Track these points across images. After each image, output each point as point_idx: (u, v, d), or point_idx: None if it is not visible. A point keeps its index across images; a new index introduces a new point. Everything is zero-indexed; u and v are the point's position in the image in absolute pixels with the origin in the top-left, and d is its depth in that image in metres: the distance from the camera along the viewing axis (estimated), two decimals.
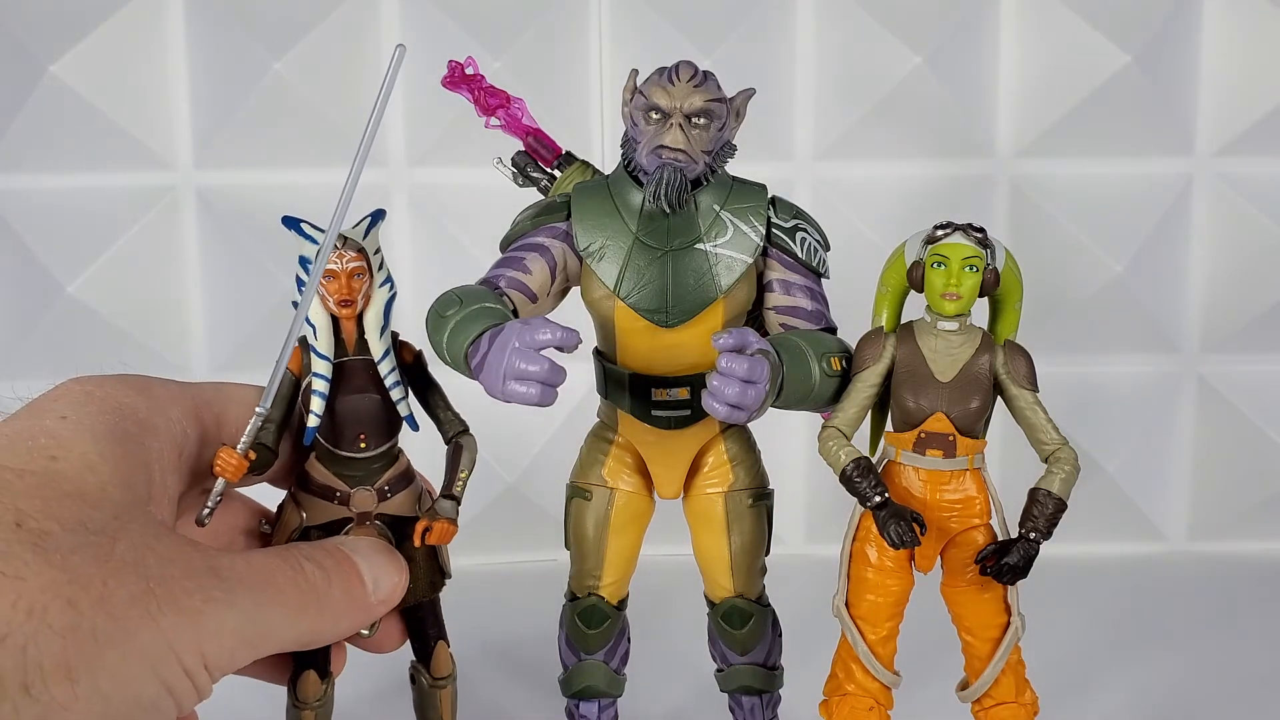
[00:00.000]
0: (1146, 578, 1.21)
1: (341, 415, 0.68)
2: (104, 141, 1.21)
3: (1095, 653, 1.02)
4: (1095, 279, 1.24)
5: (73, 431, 0.44)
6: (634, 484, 0.76)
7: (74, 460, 0.43)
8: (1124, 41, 1.20)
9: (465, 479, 0.71)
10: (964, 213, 0.77)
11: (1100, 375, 1.26)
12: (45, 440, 0.42)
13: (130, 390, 0.50)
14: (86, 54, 1.19)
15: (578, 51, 1.21)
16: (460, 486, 0.70)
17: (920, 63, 1.21)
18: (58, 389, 0.48)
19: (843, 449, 0.69)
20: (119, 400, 0.48)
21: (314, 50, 1.20)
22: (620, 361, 0.73)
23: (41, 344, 1.23)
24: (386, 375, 0.69)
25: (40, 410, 0.45)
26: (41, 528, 0.39)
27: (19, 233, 1.21)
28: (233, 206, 1.22)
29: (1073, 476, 0.69)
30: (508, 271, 0.71)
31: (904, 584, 0.71)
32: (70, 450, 0.43)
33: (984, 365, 0.70)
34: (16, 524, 0.38)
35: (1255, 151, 1.22)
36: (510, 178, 0.86)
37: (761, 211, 0.72)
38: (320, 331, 0.68)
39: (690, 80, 0.69)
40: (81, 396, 0.47)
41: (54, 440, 0.42)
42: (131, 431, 0.47)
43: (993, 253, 0.70)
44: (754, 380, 0.61)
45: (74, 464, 0.43)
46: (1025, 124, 1.22)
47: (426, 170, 1.23)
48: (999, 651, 0.71)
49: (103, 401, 0.47)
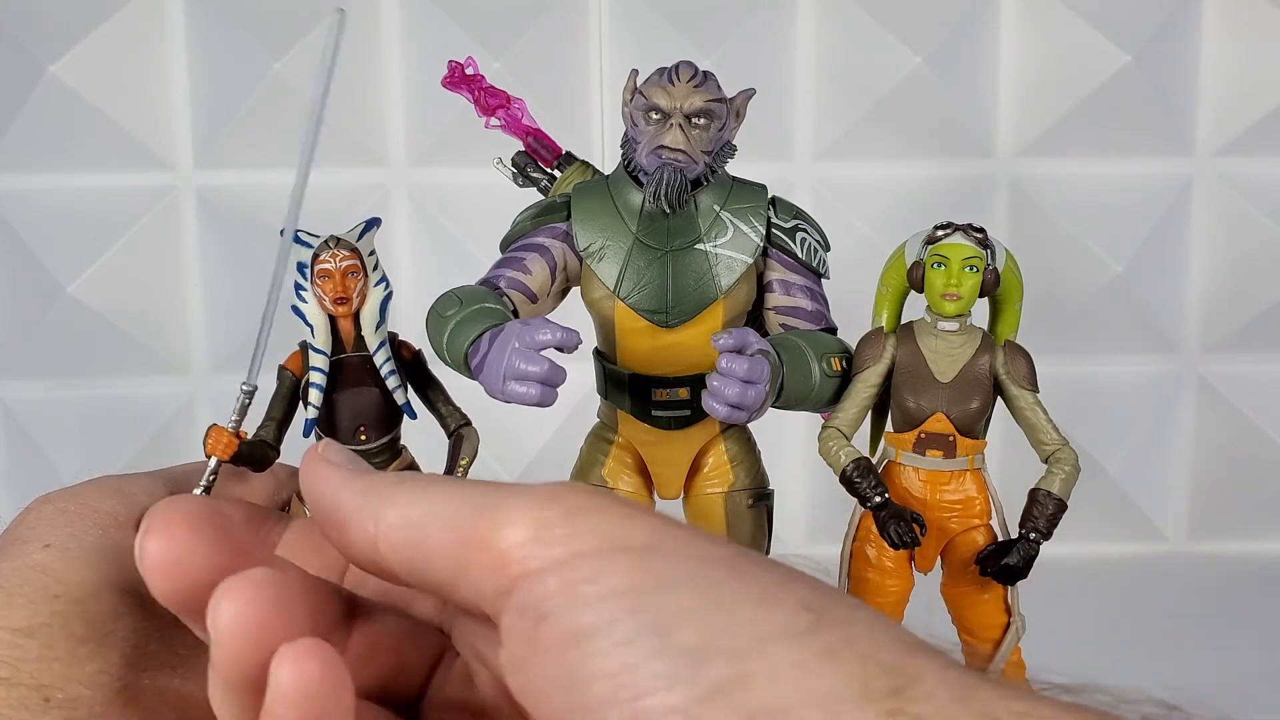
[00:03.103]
0: (1146, 578, 1.21)
1: (341, 409, 0.70)
2: (104, 141, 1.21)
3: (1095, 653, 1.02)
4: (1095, 279, 1.24)
5: (63, 559, 0.41)
6: (634, 484, 0.76)
7: (75, 591, 0.40)
8: (1124, 41, 1.20)
9: (466, 465, 0.72)
10: (964, 213, 0.77)
11: (1100, 375, 1.26)
12: (39, 578, 0.39)
13: (104, 496, 0.46)
14: (86, 54, 1.19)
15: (578, 51, 1.21)
16: (461, 473, 0.72)
17: (920, 63, 1.21)
18: (30, 514, 0.43)
19: (843, 449, 0.69)
20: (96, 511, 0.43)
21: (314, 50, 1.20)
22: (620, 362, 0.73)
23: (41, 344, 1.23)
24: (382, 365, 0.70)
25: (21, 544, 0.41)
26: (68, 696, 0.37)
27: (19, 233, 1.21)
28: (233, 206, 1.22)
29: (1073, 477, 0.69)
30: (508, 272, 0.71)
31: (904, 584, 0.71)
32: (68, 582, 0.39)
33: (984, 365, 0.70)
34: (45, 700, 0.37)
35: (1255, 151, 1.22)
36: (510, 178, 0.86)
37: (761, 212, 0.72)
38: (318, 330, 0.70)
39: (690, 80, 0.69)
40: (58, 516, 0.43)
41: (48, 576, 0.39)
42: (118, 543, 0.44)
43: (993, 253, 0.70)
44: (754, 380, 0.61)
45: (77, 597, 0.40)
46: (1025, 124, 1.22)
47: (426, 170, 1.23)
48: (999, 652, 0.71)
49: (81, 517, 0.43)
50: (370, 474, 0.33)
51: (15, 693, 0.36)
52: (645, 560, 0.26)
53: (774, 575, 0.26)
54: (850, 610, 0.26)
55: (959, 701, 0.23)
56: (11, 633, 0.37)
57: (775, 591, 0.25)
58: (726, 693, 0.23)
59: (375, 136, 1.21)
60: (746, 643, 0.24)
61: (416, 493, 0.30)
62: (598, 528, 0.26)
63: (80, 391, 1.25)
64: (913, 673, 0.24)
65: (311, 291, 0.69)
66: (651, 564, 0.25)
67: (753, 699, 0.23)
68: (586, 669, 0.24)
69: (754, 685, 0.23)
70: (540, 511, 0.26)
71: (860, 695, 0.23)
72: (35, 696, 0.36)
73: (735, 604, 0.25)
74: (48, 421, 1.25)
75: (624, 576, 0.25)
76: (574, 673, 0.24)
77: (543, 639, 0.25)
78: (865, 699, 0.23)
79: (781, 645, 0.24)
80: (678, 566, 0.25)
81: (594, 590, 0.25)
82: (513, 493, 0.28)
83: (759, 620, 0.24)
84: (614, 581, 0.25)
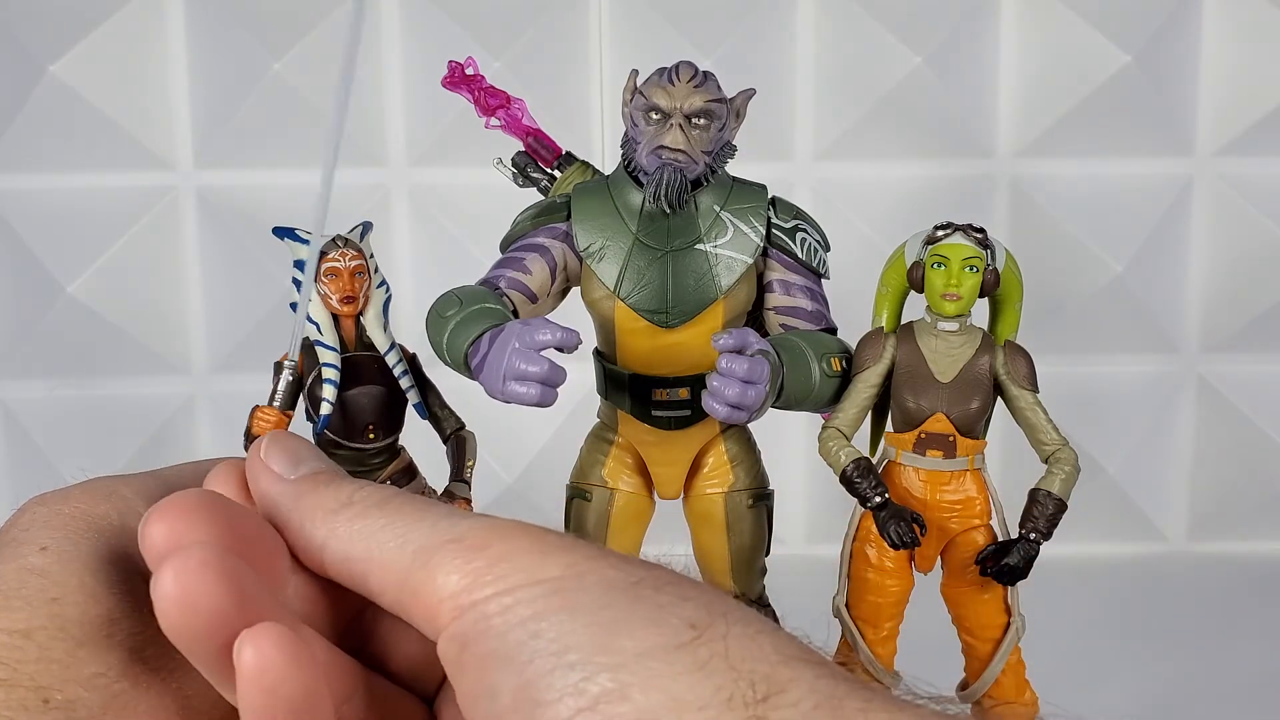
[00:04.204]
0: (1146, 578, 1.21)
1: (351, 408, 0.70)
2: (104, 141, 1.21)
3: (1095, 653, 1.02)
4: (1095, 279, 1.24)
5: (60, 562, 0.41)
6: (634, 484, 0.76)
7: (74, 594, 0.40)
8: (1124, 41, 1.20)
9: (472, 466, 0.74)
10: (964, 213, 0.77)
11: (1100, 375, 1.26)
12: (37, 581, 0.38)
13: (97, 499, 0.46)
14: (86, 54, 1.19)
15: (578, 51, 1.21)
16: (468, 472, 0.73)
17: (920, 63, 1.21)
18: (24, 516, 0.42)
19: (843, 449, 0.69)
20: (89, 514, 0.44)
21: (314, 50, 1.20)
22: (620, 362, 0.73)
23: (41, 344, 1.23)
24: (395, 365, 0.71)
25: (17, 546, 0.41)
26: (67, 698, 0.38)
27: (19, 233, 1.21)
28: (233, 206, 1.22)
29: (1073, 477, 0.69)
30: (508, 272, 0.71)
31: (904, 584, 0.71)
32: (66, 585, 0.40)
33: (984, 366, 0.70)
34: (44, 701, 0.37)
35: (1255, 151, 1.22)
36: (510, 178, 0.86)
37: (761, 212, 0.72)
38: (325, 327, 0.70)
39: (690, 80, 0.69)
40: (53, 519, 0.43)
41: (46, 579, 0.38)
42: (114, 547, 0.44)
43: (993, 253, 0.70)
44: (754, 381, 0.61)
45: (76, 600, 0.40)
46: (1025, 124, 1.22)
47: (426, 170, 1.23)
48: (999, 652, 0.71)
49: (75, 520, 0.44)
50: (312, 489, 0.36)
51: (14, 694, 0.36)
52: (553, 592, 0.30)
53: (668, 597, 0.30)
54: (735, 625, 0.29)
55: (822, 709, 0.27)
56: (10, 634, 0.37)
57: (663, 612, 0.29)
58: (606, 703, 0.27)
59: (375, 136, 1.21)
60: (628, 659, 0.28)
61: (357, 528, 0.34)
62: (519, 567, 0.30)
63: (80, 391, 1.25)
64: (782, 682, 0.27)
65: (315, 289, 0.69)
66: (559, 594, 0.30)
67: (627, 708, 0.27)
68: (497, 684, 0.29)
69: (630, 696, 0.27)
70: (470, 561, 0.31)
71: (725, 702, 0.26)
72: (34, 698, 0.36)
73: (624, 625, 0.29)
74: (48, 421, 1.25)
75: (531, 606, 0.29)
76: (488, 688, 0.29)
77: (465, 662, 0.30)
78: (730, 706, 0.26)
79: (658, 660, 0.28)
80: (582, 595, 0.30)
81: (506, 620, 0.29)
82: (448, 540, 0.33)
83: (642, 638, 0.28)
84: (523, 611, 0.29)
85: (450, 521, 0.34)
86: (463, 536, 0.33)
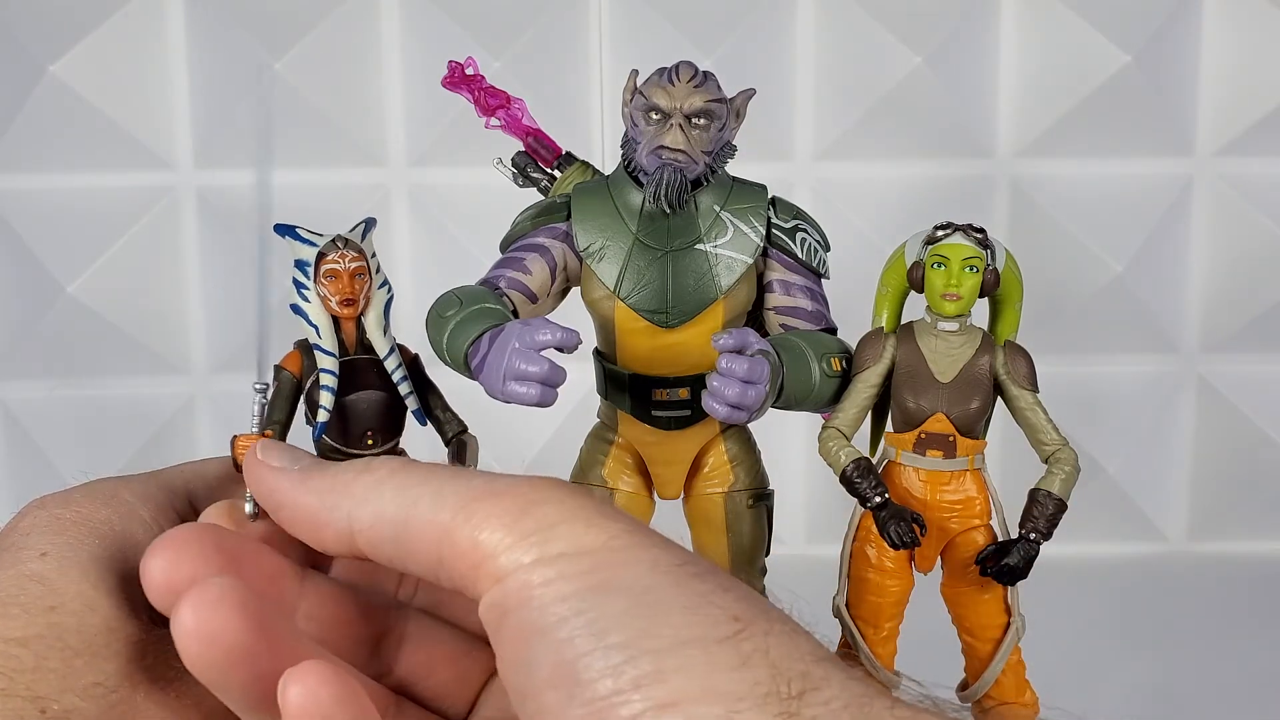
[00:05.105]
0: (1146, 578, 1.21)
1: (350, 413, 0.69)
2: (104, 141, 1.21)
3: (1095, 653, 1.02)
4: (1095, 279, 1.24)
5: (59, 569, 0.40)
6: (634, 485, 0.76)
7: (72, 603, 0.39)
8: (1124, 41, 1.20)
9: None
10: (964, 213, 0.77)
11: (1100, 375, 1.26)
12: (36, 587, 0.39)
13: (98, 503, 0.45)
14: (86, 54, 1.19)
15: (578, 51, 1.21)
16: None
17: (920, 63, 1.21)
18: (24, 519, 0.43)
19: (843, 449, 0.69)
20: (90, 519, 0.43)
21: (314, 50, 1.20)
22: (620, 362, 0.73)
23: (41, 344, 1.23)
24: (394, 370, 0.70)
25: (16, 551, 0.41)
26: (64, 707, 0.37)
27: (19, 233, 1.21)
28: (233, 206, 1.22)
29: (1073, 477, 0.69)
30: (508, 272, 0.71)
31: (904, 584, 0.71)
32: (64, 593, 0.39)
33: (984, 366, 0.70)
34: (41, 711, 0.36)
35: (1255, 151, 1.22)
36: (510, 178, 0.86)
37: (761, 212, 0.72)
38: (324, 331, 0.69)
39: (690, 80, 0.69)
40: (52, 523, 0.42)
41: (44, 586, 0.39)
42: (114, 553, 0.43)
43: (993, 253, 0.70)
44: (754, 381, 0.61)
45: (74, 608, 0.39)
46: (1025, 124, 1.22)
47: (426, 170, 1.23)
48: (999, 652, 0.71)
49: (75, 525, 0.42)
50: (322, 471, 0.36)
51: (11, 703, 0.36)
52: (597, 566, 0.30)
53: (710, 585, 0.30)
54: (776, 623, 0.29)
55: (851, 709, 0.27)
56: (7, 642, 0.37)
57: (704, 600, 0.29)
58: (643, 686, 0.27)
59: (375, 136, 1.21)
60: (668, 645, 0.28)
61: (390, 487, 0.33)
62: (562, 535, 0.30)
63: (80, 391, 1.25)
64: (816, 680, 0.28)
65: (314, 291, 0.68)
66: (602, 570, 0.30)
67: (663, 692, 0.27)
68: (535, 657, 0.28)
69: (668, 680, 0.27)
70: (515, 521, 0.31)
71: (763, 697, 0.27)
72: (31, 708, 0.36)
73: (666, 609, 0.29)
74: (48, 421, 1.25)
75: (574, 582, 0.29)
76: (526, 659, 0.29)
77: (505, 631, 0.30)
78: (765, 701, 0.27)
79: (698, 649, 0.28)
80: (625, 572, 0.30)
81: (547, 593, 0.29)
82: (488, 495, 0.32)
83: (682, 625, 0.28)
84: (565, 587, 0.29)
85: (485, 478, 0.34)
86: (502, 492, 0.32)
